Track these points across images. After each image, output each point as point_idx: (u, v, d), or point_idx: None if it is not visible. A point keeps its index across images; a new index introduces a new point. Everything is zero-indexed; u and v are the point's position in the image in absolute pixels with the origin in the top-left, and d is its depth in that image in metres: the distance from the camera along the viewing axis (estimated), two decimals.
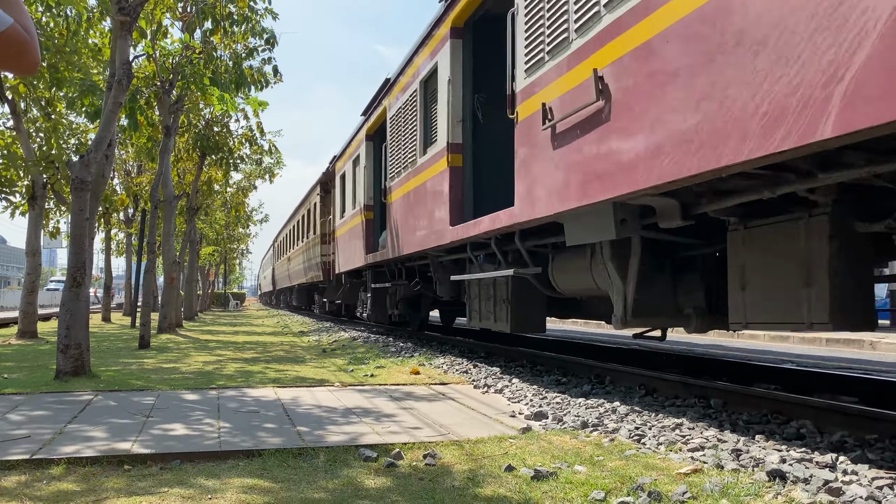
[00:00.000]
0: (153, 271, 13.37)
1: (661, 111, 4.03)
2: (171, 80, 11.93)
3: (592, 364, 7.04)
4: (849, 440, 3.84)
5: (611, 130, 4.57)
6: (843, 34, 2.91)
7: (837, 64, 2.93)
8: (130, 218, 24.66)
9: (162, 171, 12.76)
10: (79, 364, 6.77)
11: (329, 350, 10.77)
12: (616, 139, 4.51)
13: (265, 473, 3.38)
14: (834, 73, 2.94)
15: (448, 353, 9.56)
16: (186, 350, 10.66)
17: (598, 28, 4.68)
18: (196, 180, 18.50)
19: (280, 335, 15.16)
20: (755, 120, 3.36)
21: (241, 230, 39.45)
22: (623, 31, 4.39)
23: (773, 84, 3.26)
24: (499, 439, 4.11)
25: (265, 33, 11.65)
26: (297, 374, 7.35)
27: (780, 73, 3.23)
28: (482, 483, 3.20)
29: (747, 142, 3.41)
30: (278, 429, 4.36)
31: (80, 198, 7.00)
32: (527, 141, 5.88)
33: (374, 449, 3.79)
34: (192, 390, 6.04)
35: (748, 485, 3.03)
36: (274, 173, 23.30)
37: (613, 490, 3.04)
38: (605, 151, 4.63)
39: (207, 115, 16.05)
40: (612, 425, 4.45)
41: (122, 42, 7.38)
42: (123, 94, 7.41)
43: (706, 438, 3.97)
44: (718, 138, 3.59)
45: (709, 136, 3.66)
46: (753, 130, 3.37)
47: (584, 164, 4.92)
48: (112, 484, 3.20)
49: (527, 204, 5.91)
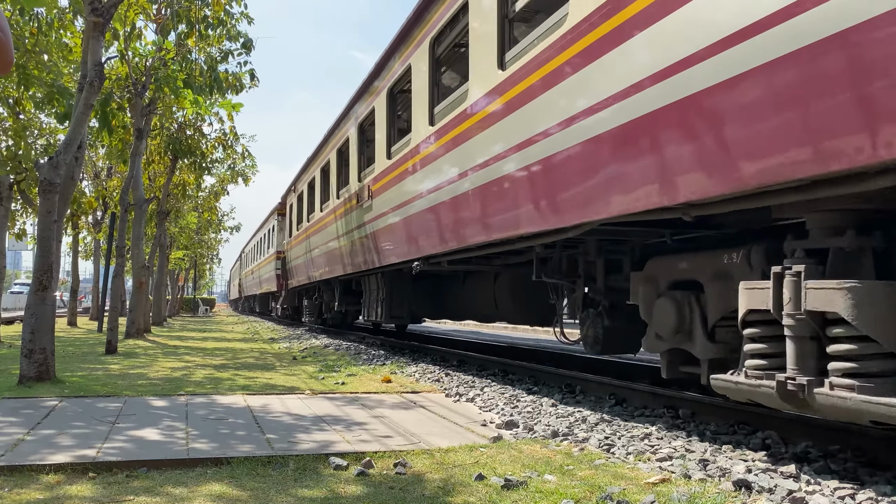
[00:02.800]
0: (122, 275, 13.16)
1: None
2: (143, 83, 11.80)
3: (563, 373, 7.09)
4: (812, 451, 3.91)
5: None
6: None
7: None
8: (99, 221, 24.29)
9: (133, 174, 12.60)
10: (43, 369, 6.64)
11: (300, 357, 10.70)
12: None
13: (234, 481, 3.35)
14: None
15: (420, 362, 9.56)
16: (154, 356, 10.52)
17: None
18: (167, 184, 18.29)
19: (250, 342, 15.01)
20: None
21: (213, 235, 39.04)
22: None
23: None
24: (470, 448, 4.12)
25: (241, 37, 11.60)
26: (267, 382, 7.29)
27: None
28: (453, 492, 3.20)
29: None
30: (248, 436, 4.32)
31: (47, 200, 6.89)
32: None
33: (344, 457, 3.78)
34: (160, 397, 5.96)
35: (714, 494, 3.07)
36: (248, 177, 23.12)
37: (583, 499, 3.06)
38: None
39: (180, 119, 15.90)
40: (582, 434, 4.49)
41: (95, 43, 7.29)
42: (95, 95, 7.32)
43: (674, 448, 4.02)
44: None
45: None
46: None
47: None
48: (76, 491, 3.14)
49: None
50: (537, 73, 5.23)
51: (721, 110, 3.48)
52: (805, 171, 3.08)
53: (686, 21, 3.70)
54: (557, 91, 4.96)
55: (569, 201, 4.92)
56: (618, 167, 4.33)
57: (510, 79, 5.68)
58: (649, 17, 3.97)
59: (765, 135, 3.25)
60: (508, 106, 5.68)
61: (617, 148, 4.31)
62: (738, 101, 3.37)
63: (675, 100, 3.78)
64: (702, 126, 3.63)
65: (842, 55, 2.89)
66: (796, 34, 3.06)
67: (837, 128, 2.91)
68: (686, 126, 3.73)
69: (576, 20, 4.71)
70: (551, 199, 5.14)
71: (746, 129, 3.34)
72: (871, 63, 2.77)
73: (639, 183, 4.13)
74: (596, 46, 4.49)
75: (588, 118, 4.57)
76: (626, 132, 4.21)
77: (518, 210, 5.65)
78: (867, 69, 2.80)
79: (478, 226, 6.41)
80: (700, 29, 3.60)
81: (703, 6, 3.60)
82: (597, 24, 4.47)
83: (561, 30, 4.91)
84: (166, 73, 11.16)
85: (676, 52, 3.75)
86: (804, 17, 3.02)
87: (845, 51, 2.87)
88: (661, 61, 3.88)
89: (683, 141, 3.77)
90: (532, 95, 5.31)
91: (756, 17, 3.25)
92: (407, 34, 8.39)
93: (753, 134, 3.31)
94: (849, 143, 2.89)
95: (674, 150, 3.83)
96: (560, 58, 4.90)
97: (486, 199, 6.16)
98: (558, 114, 4.92)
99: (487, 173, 6.05)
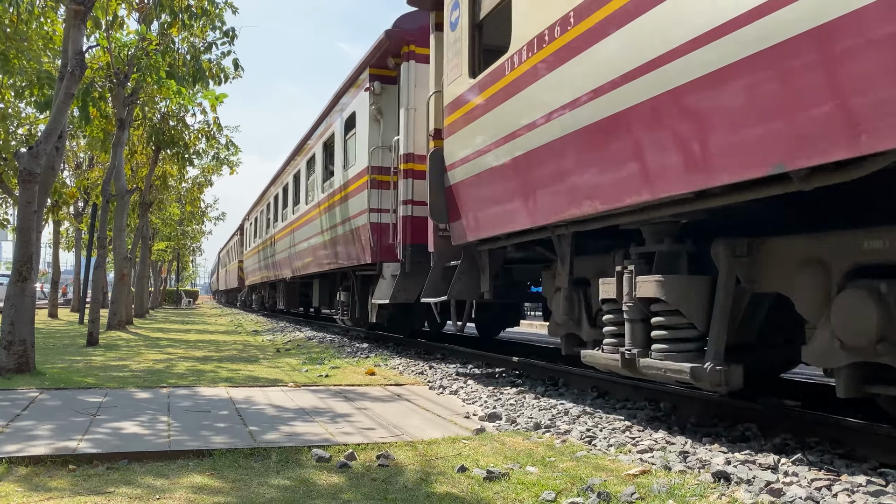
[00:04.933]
0: (103, 267, 13.03)
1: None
2: (126, 72, 11.67)
3: (546, 366, 7.12)
4: (791, 442, 3.96)
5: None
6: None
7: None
8: (81, 212, 24.04)
9: (115, 164, 12.47)
10: (23, 361, 6.58)
11: (283, 350, 10.67)
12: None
13: (216, 473, 3.34)
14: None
15: (404, 355, 9.56)
16: (136, 348, 10.44)
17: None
18: (150, 175, 18.13)
19: (233, 334, 14.95)
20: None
21: (196, 226, 38.76)
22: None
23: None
24: (452, 440, 4.13)
25: (224, 27, 11.49)
26: (250, 374, 7.27)
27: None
28: (435, 483, 3.21)
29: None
30: (230, 428, 4.31)
31: (27, 190, 6.81)
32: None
33: (327, 449, 3.78)
34: (142, 389, 5.92)
35: (694, 486, 3.11)
36: (232, 167, 22.93)
37: (564, 491, 3.08)
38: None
39: (163, 109, 15.75)
40: (564, 427, 4.51)
41: (76, 31, 7.20)
42: (76, 84, 7.22)
43: (655, 440, 4.06)
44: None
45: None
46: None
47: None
48: (56, 484, 3.12)
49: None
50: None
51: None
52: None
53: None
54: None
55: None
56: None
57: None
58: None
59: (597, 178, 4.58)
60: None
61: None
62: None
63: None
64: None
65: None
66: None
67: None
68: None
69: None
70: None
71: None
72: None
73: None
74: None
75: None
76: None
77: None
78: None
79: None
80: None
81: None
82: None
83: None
84: (149, 63, 11.03)
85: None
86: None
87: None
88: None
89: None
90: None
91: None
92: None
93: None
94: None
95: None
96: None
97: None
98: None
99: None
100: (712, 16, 3.52)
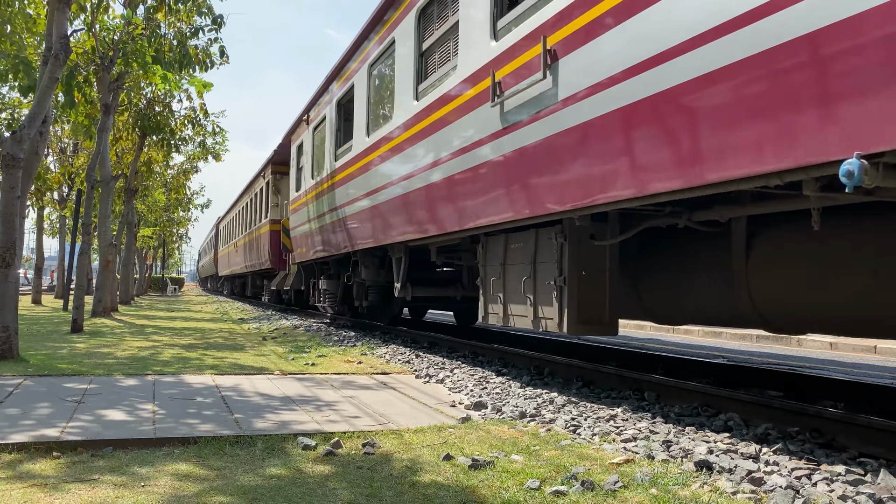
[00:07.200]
0: (88, 253, 12.93)
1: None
2: (111, 57, 11.53)
3: (532, 355, 7.15)
4: (772, 432, 4.01)
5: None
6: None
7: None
8: (65, 198, 23.83)
9: (100, 150, 12.34)
10: (6, 347, 6.54)
11: (270, 338, 10.65)
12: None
13: (201, 461, 3.34)
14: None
15: (391, 343, 9.57)
16: (121, 335, 10.39)
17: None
18: (135, 161, 17.97)
19: (219, 322, 14.90)
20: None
21: (182, 213, 38.47)
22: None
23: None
24: (438, 429, 4.15)
25: (211, 13, 11.36)
26: (235, 362, 7.25)
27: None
28: (420, 471, 3.23)
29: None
30: (215, 416, 4.31)
31: (11, 175, 6.74)
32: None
33: (312, 437, 3.79)
34: (127, 376, 5.90)
35: (677, 475, 3.14)
36: (218, 155, 22.73)
37: (548, 479, 3.11)
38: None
39: (149, 95, 15.59)
40: (549, 416, 4.54)
41: (60, 15, 7.11)
42: (60, 69, 7.14)
43: (639, 430, 4.09)
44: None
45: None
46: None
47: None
48: (39, 470, 3.11)
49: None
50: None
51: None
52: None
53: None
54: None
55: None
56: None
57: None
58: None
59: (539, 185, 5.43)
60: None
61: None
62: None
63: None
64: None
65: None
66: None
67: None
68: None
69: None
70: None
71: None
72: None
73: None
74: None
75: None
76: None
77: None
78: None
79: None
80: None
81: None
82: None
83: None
84: (135, 48, 10.90)
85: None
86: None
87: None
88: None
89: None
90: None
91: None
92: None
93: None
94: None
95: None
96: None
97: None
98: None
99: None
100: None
